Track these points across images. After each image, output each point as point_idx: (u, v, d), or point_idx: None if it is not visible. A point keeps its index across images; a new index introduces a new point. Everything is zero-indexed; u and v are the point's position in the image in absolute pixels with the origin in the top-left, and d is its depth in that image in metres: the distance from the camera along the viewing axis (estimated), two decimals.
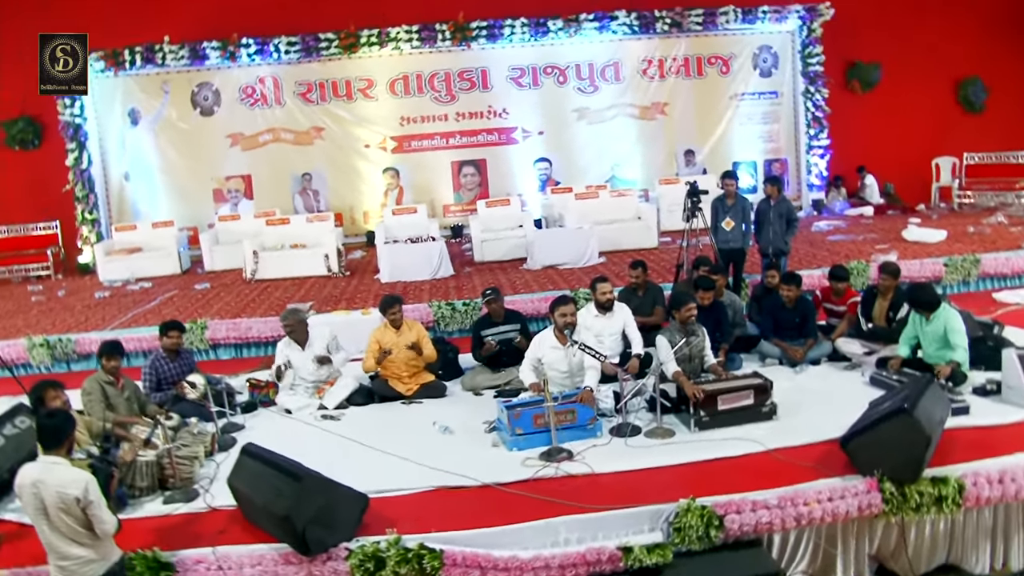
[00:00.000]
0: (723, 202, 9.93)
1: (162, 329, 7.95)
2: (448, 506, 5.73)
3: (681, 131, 16.62)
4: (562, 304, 6.94)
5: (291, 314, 8.01)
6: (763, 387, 6.60)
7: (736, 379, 6.79)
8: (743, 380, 6.73)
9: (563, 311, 6.89)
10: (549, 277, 11.73)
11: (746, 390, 6.55)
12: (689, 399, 6.51)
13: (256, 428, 7.48)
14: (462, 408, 7.65)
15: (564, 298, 7.03)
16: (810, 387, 7.45)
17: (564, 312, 6.89)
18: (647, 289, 9.10)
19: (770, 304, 8.41)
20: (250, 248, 13.20)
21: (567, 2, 15.70)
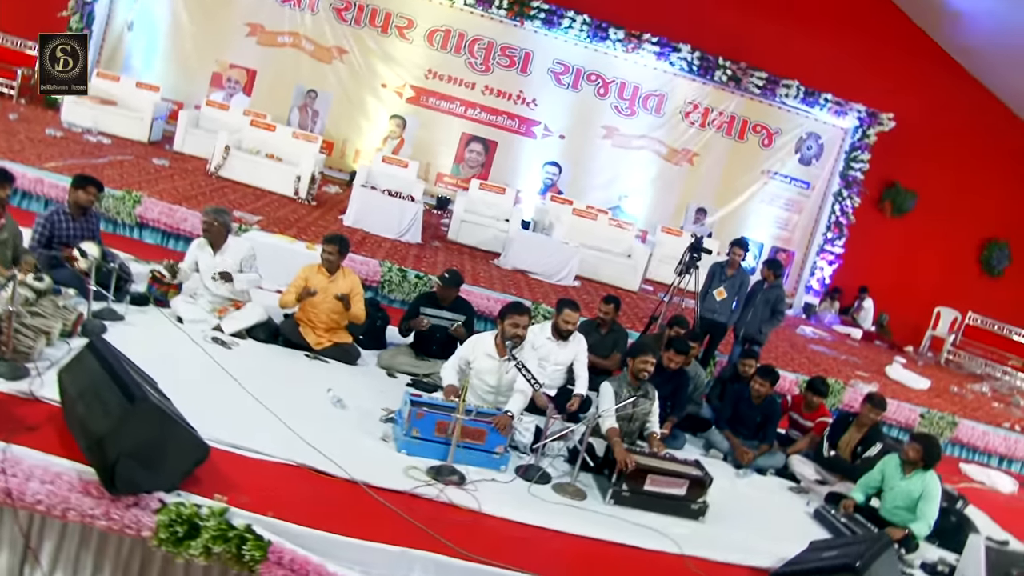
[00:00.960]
0: (723, 270, 9.06)
1: (77, 181, 6.91)
2: (301, 491, 4.78)
3: (701, 186, 15.78)
4: (516, 313, 6.00)
5: (215, 213, 7.00)
6: (700, 481, 5.70)
7: (675, 461, 5.90)
8: (682, 466, 5.84)
9: (515, 320, 5.95)
10: (516, 281, 10.80)
11: (681, 478, 5.66)
12: (616, 464, 5.60)
13: (135, 325, 6.47)
14: (368, 384, 6.69)
15: (520, 307, 6.08)
16: (749, 497, 6.59)
17: (516, 322, 5.95)
18: (612, 329, 8.22)
19: (735, 393, 7.57)
20: (224, 141, 12.14)
21: (635, 16, 14.76)
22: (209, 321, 6.86)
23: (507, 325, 5.96)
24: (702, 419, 7.66)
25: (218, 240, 6.97)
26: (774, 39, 15.00)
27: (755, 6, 14.93)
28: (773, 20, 15.00)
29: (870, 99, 15.36)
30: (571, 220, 12.86)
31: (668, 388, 7.01)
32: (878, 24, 15.40)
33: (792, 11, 15.11)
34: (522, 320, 5.95)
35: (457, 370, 6.18)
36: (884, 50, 15.43)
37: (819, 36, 15.22)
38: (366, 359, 7.26)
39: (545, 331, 7.13)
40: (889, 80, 15.43)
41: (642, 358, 6.18)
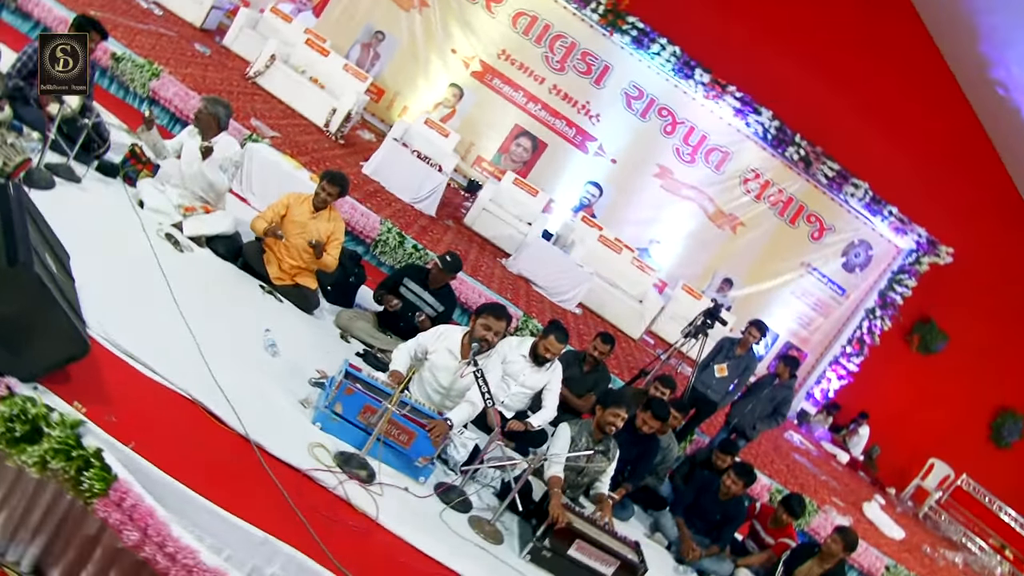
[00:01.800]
0: (732, 346, 8.30)
1: (78, 22, 6.20)
2: (182, 430, 4.04)
3: (736, 257, 14.99)
4: (493, 315, 5.25)
5: (209, 102, 6.32)
6: (633, 568, 4.93)
7: (612, 536, 5.12)
8: (618, 543, 5.06)
9: (489, 323, 5.21)
10: (516, 287, 10.06)
11: (612, 556, 4.89)
12: (547, 517, 4.84)
13: (87, 192, 5.79)
14: (315, 339, 5.95)
15: (500, 310, 5.33)
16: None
17: (490, 325, 5.21)
18: (596, 369, 7.47)
19: (703, 480, 6.80)
20: (272, 49, 11.48)
21: (726, 64, 14.01)
22: (171, 215, 6.14)
23: (479, 325, 5.21)
24: (659, 497, 6.89)
25: (207, 132, 6.26)
26: (856, 132, 14.23)
27: (846, 93, 14.14)
28: (860, 113, 14.23)
29: (934, 224, 14.60)
30: (593, 245, 12.11)
31: (633, 451, 6.26)
32: (963, 150, 14.61)
33: (881, 110, 14.31)
34: (497, 325, 5.21)
35: (411, 356, 5.43)
36: (962, 178, 14.64)
37: (901, 144, 14.45)
38: (324, 312, 6.53)
39: (523, 347, 6.39)
40: (958, 210, 14.64)
41: (613, 410, 5.42)
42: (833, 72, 14.02)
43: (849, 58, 14.02)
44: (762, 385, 8.36)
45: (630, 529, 6.25)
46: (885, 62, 14.03)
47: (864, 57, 14.00)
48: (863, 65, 14.01)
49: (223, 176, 6.32)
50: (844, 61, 14.03)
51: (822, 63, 13.98)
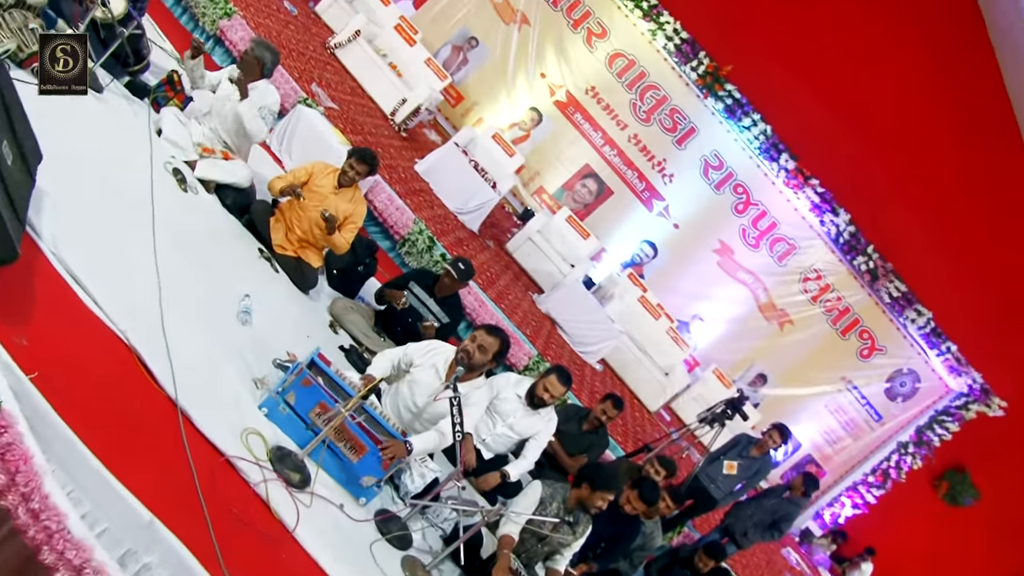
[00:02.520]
0: (749, 445, 7.63)
1: None
2: (103, 375, 3.51)
3: (777, 354, 14.23)
4: (485, 329, 4.67)
5: (257, 44, 5.90)
6: None
7: None
8: None
9: (482, 340, 4.64)
10: (539, 324, 9.48)
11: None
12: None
13: (105, 104, 5.35)
14: (300, 320, 5.42)
15: (495, 328, 4.74)
16: None
17: (482, 343, 4.64)
18: (596, 432, 6.85)
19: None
20: (358, 24, 11.13)
21: (816, 155, 13.37)
22: (187, 151, 5.68)
23: (467, 340, 4.64)
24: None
25: (249, 75, 5.81)
26: (933, 257, 13.42)
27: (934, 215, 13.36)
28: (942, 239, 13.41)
29: (992, 372, 13.71)
30: (632, 304, 11.49)
31: (610, 530, 5.59)
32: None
33: (964, 241, 13.49)
34: (486, 340, 4.64)
35: (392, 365, 4.87)
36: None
37: (977, 281, 13.58)
38: (322, 296, 6.01)
39: (520, 387, 5.79)
40: (1021, 366, 13.73)
41: (603, 494, 4.76)
42: (924, 189, 13.28)
43: (943, 177, 13.27)
44: (771, 493, 7.69)
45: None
46: (980, 192, 13.25)
47: (959, 180, 13.24)
48: (956, 189, 13.25)
49: (261, 124, 5.87)
50: (937, 179, 13.28)
51: (915, 176, 13.25)
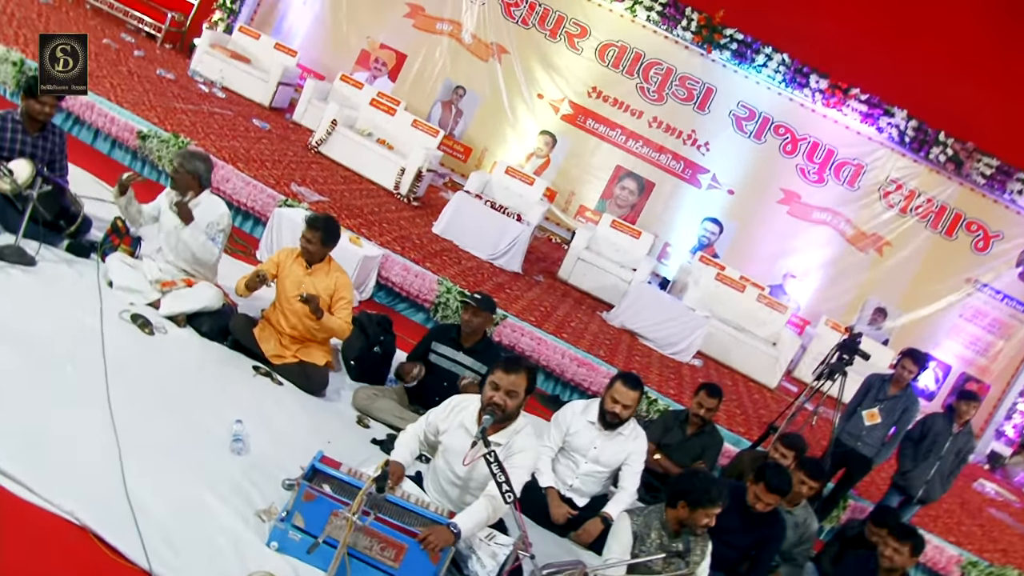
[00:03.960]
0: (884, 386, 6.53)
1: (32, 86, 5.33)
2: None
3: (887, 282, 12.89)
4: (501, 368, 3.80)
5: (184, 157, 5.28)
6: None
7: None
8: None
9: (505, 385, 3.77)
10: (615, 342, 8.57)
11: None
12: None
13: (38, 276, 4.84)
14: (316, 426, 4.70)
15: (512, 363, 3.84)
16: None
17: (509, 389, 3.76)
18: (703, 431, 5.93)
19: (858, 565, 4.97)
20: (332, 114, 10.65)
21: (844, 65, 12.24)
22: (145, 293, 5.11)
23: (487, 388, 3.81)
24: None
25: (186, 192, 5.23)
26: (1013, 118, 12.01)
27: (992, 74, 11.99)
28: (1013, 94, 12.01)
29: None
30: (709, 285, 10.49)
31: (748, 538, 4.65)
32: None
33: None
34: (515, 383, 3.76)
35: (419, 440, 4.08)
36: None
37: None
38: (341, 393, 5.29)
39: (589, 412, 4.96)
40: None
41: (706, 510, 3.85)
42: (971, 55, 11.95)
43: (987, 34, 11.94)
44: (941, 435, 6.47)
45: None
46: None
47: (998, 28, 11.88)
48: (1007, 39, 11.90)
49: (210, 246, 5.26)
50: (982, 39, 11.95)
51: (953, 44, 11.93)
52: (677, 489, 3.91)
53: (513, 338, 7.38)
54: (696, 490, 3.82)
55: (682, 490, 3.85)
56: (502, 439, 3.80)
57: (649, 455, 5.86)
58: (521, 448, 3.80)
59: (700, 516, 3.78)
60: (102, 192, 6.55)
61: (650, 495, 5.44)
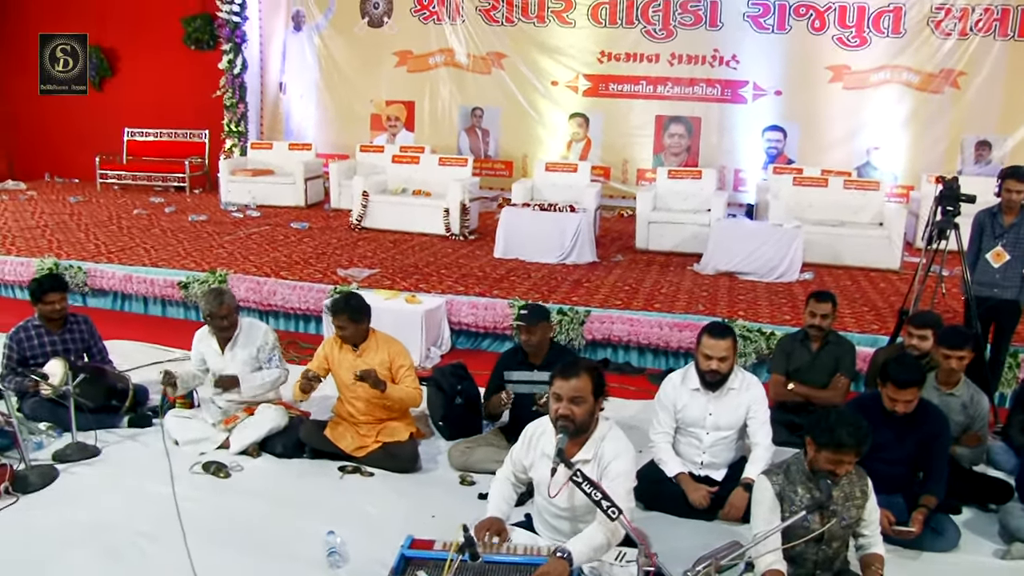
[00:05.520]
0: (995, 219, 5.79)
1: (34, 291, 5.31)
2: None
3: (977, 112, 11.77)
4: (569, 377, 3.36)
5: (216, 296, 5.06)
6: None
7: None
8: None
9: (567, 393, 3.34)
10: (713, 291, 8.04)
11: None
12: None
13: (108, 464, 4.73)
14: (418, 506, 4.38)
15: (574, 369, 3.40)
16: None
17: (572, 396, 3.34)
18: (828, 342, 5.37)
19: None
20: (360, 187, 10.52)
21: None
22: (212, 438, 4.96)
23: (551, 400, 3.42)
24: (995, 483, 4.58)
25: (227, 333, 5.06)
26: None
27: None
28: None
29: None
30: (790, 193, 9.82)
31: (908, 447, 4.08)
32: None
33: None
34: (578, 387, 3.34)
35: (511, 484, 3.72)
36: None
37: None
38: (439, 460, 4.98)
39: (689, 379, 4.49)
40: None
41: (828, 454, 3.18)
42: None
43: None
44: None
45: (962, 559, 4.02)
46: None
47: None
48: None
49: (272, 372, 5.09)
50: None
51: None
52: (806, 428, 3.34)
53: (604, 330, 6.97)
54: (820, 429, 3.20)
55: (808, 427, 3.30)
56: (588, 454, 3.40)
57: (782, 388, 5.39)
58: (614, 455, 3.38)
59: (831, 462, 3.17)
60: (159, 355, 6.50)
61: (797, 435, 4.91)
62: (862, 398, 4.52)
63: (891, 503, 4.07)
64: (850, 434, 3.07)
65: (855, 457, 3.14)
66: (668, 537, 4.10)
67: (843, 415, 3.14)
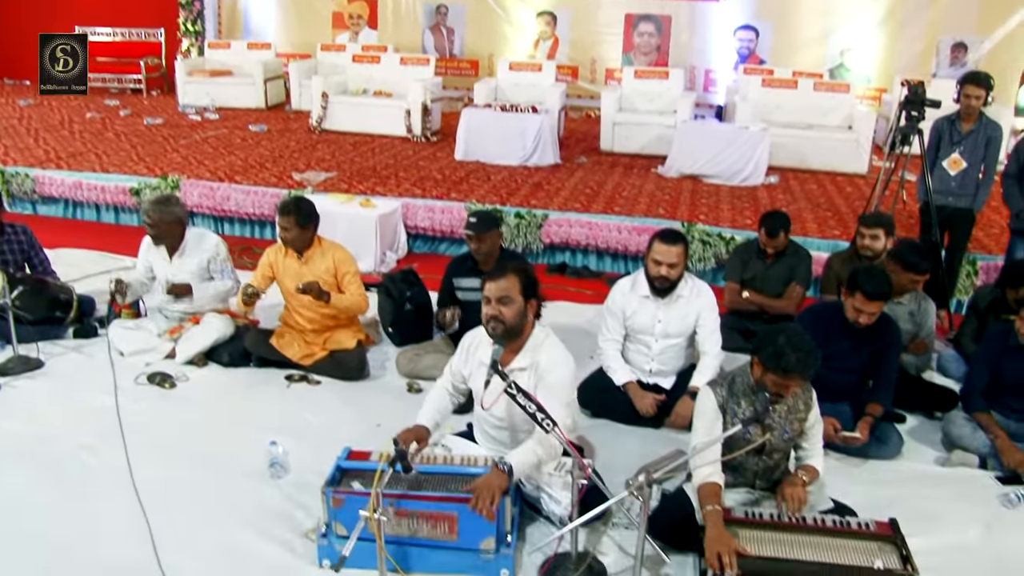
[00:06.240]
0: (953, 126, 5.67)
1: None
2: None
3: (954, 13, 11.45)
4: (498, 279, 3.30)
5: (156, 207, 4.88)
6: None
7: (844, 533, 3.00)
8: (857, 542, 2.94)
9: (495, 294, 3.28)
10: (676, 193, 7.93)
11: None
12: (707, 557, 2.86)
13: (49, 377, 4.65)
14: (363, 414, 4.35)
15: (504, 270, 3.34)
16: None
17: (500, 295, 3.27)
18: (785, 253, 5.30)
19: (1000, 336, 4.24)
20: (320, 88, 10.21)
21: None
22: (158, 349, 4.88)
23: (483, 304, 3.34)
24: (936, 388, 4.60)
25: (171, 241, 4.90)
26: None
27: None
28: None
29: None
30: (758, 95, 9.63)
31: (862, 356, 4.06)
32: None
33: None
34: (505, 287, 3.25)
35: (449, 394, 3.67)
36: None
37: None
38: (386, 366, 4.93)
39: (639, 286, 4.41)
40: None
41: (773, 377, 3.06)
42: None
43: None
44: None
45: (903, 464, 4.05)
46: None
47: None
48: None
49: (223, 283, 4.97)
50: None
51: None
52: (755, 343, 3.20)
53: (562, 234, 6.89)
54: (768, 353, 3.05)
55: (756, 346, 3.17)
56: (523, 361, 3.34)
57: (737, 296, 5.35)
58: (551, 365, 3.32)
59: (770, 382, 3.08)
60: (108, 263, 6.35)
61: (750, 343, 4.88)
62: (819, 307, 4.45)
63: (838, 411, 4.08)
64: (799, 360, 2.97)
65: (802, 382, 3.09)
66: (614, 445, 4.10)
67: (792, 338, 3.02)
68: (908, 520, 3.08)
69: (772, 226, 5.17)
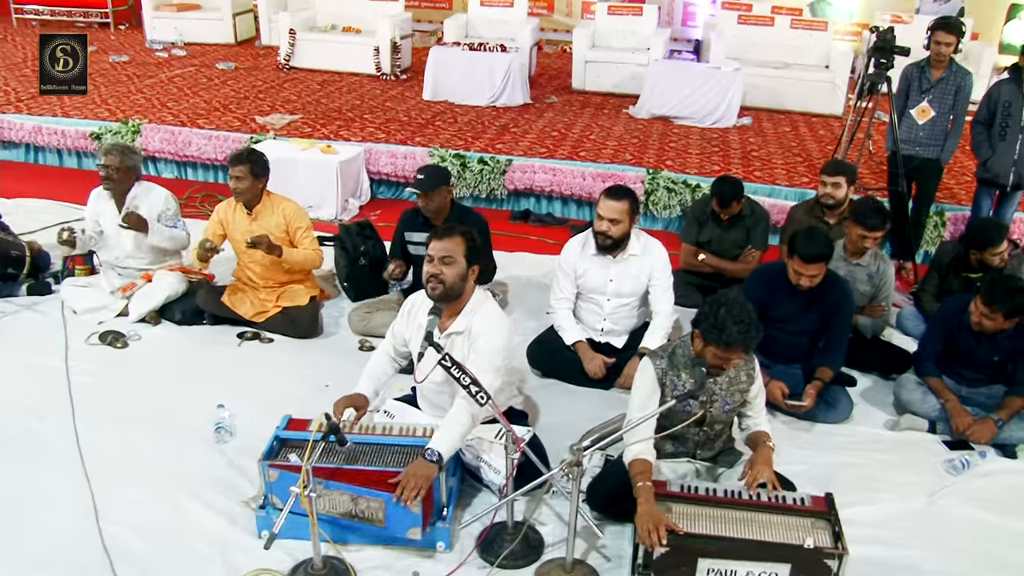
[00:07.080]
0: (923, 73, 5.56)
1: None
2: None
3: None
4: (443, 238, 3.27)
5: (116, 150, 4.78)
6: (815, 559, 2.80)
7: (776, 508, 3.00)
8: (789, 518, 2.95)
9: (438, 252, 3.23)
10: (644, 136, 7.82)
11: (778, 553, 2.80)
12: None
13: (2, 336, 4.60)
14: (315, 375, 4.32)
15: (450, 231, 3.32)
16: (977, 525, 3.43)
17: (443, 256, 3.22)
18: (741, 216, 5.22)
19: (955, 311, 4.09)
20: (287, 24, 9.96)
21: None
22: (110, 307, 4.81)
23: (425, 264, 3.29)
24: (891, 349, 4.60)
25: (120, 188, 4.79)
26: None
27: None
28: None
29: None
30: (733, 32, 9.43)
31: (811, 317, 4.05)
32: None
33: None
34: (449, 248, 3.22)
35: (390, 359, 3.64)
36: None
37: None
38: (340, 323, 4.90)
39: (590, 245, 4.35)
40: None
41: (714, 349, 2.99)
42: None
43: None
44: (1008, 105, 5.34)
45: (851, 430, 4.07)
46: None
47: None
48: None
49: (176, 233, 4.87)
50: None
51: None
52: (696, 318, 3.11)
53: (525, 180, 6.80)
54: (709, 325, 2.97)
55: (697, 318, 3.08)
56: (460, 326, 3.31)
57: (693, 258, 5.29)
58: (483, 330, 3.28)
59: (710, 355, 3.02)
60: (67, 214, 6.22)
61: None
62: (767, 268, 4.40)
63: (788, 374, 4.09)
64: (740, 332, 2.91)
65: (743, 354, 3.05)
66: (563, 406, 4.11)
67: (733, 310, 2.94)
68: (851, 488, 3.10)
69: (723, 198, 5.07)
